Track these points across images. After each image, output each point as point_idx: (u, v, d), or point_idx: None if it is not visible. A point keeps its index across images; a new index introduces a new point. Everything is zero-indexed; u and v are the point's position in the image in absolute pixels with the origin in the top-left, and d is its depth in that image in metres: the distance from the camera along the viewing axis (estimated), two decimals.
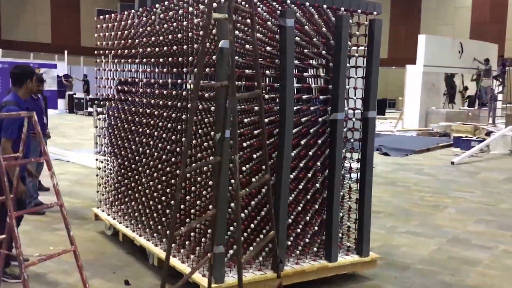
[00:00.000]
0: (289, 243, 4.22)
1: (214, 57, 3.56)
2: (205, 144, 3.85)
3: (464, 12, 32.07)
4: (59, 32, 32.75)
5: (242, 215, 3.85)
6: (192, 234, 4.03)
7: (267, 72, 4.35)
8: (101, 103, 6.01)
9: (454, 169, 11.00)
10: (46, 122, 6.94)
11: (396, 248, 5.52)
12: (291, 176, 4.13)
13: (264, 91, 4.31)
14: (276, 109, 4.08)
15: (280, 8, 3.99)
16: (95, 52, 5.91)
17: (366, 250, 4.60)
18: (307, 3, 4.11)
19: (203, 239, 3.95)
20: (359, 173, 4.59)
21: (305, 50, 4.23)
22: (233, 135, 2.63)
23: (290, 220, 4.21)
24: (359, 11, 4.47)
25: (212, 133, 3.73)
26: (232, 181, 3.53)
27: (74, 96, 24.55)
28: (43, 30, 32.42)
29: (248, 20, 3.57)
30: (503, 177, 10.13)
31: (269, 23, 3.96)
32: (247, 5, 3.58)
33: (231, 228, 3.79)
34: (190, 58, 4.10)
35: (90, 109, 22.89)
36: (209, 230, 3.60)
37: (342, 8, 4.35)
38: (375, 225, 6.35)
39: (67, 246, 5.35)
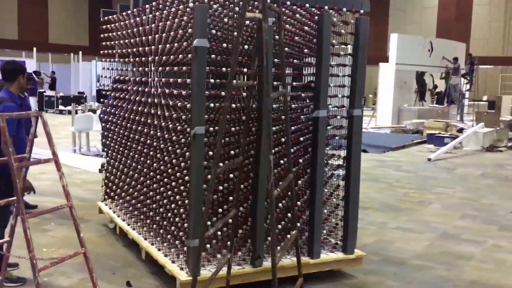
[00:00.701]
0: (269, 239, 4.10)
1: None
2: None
3: (430, 11, 32.79)
4: (26, 29, 31.95)
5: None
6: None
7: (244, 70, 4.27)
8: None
9: (431, 165, 11.24)
10: None
11: (390, 244, 5.61)
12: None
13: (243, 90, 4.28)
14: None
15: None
16: (101, 52, 5.85)
17: (351, 247, 4.59)
18: (288, 2, 4.17)
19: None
20: (344, 171, 4.62)
21: (286, 49, 4.26)
22: (266, 135, 2.59)
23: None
24: (344, 9, 4.50)
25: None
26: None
27: (44, 94, 23.89)
28: (10, 27, 31.54)
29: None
30: (479, 172, 10.42)
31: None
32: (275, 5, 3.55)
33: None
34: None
35: (61, 107, 22.35)
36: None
37: (326, 7, 4.40)
38: (366, 221, 6.46)
39: (60, 248, 5.29)
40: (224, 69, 3.94)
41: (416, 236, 5.92)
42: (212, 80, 3.84)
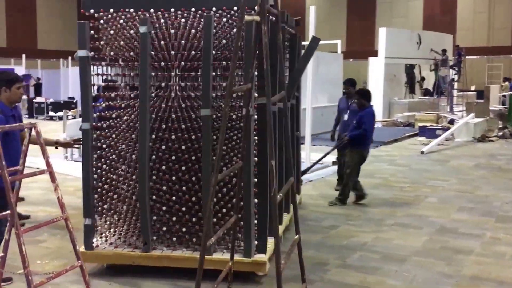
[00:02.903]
0: (164, 228, 4.62)
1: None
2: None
3: (416, 4, 32.92)
4: (14, 36, 31.64)
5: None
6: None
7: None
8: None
9: (424, 158, 11.26)
10: None
11: (389, 241, 5.58)
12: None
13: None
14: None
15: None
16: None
17: (248, 250, 4.31)
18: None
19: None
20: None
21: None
22: (270, 140, 2.51)
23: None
24: (235, 8, 4.38)
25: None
26: None
27: (34, 100, 23.61)
28: None
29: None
30: (472, 163, 10.44)
31: None
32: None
33: None
34: None
35: (51, 113, 22.10)
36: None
37: (214, 8, 4.40)
38: (364, 219, 6.44)
39: (54, 259, 5.19)
40: None
41: (415, 232, 5.90)
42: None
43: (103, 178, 4.73)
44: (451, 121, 15.47)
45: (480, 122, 14.53)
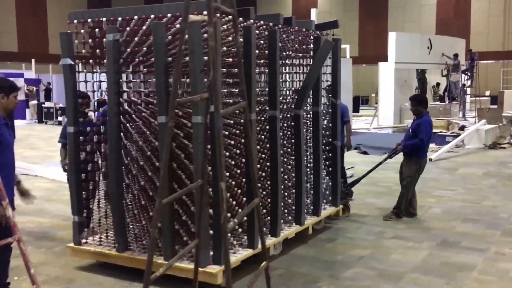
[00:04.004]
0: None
1: None
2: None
3: (429, 9, 32.53)
4: (25, 41, 31.81)
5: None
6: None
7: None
8: None
9: (433, 165, 10.91)
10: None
11: (387, 255, 5.30)
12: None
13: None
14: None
15: None
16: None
17: (204, 260, 4.24)
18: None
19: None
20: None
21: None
22: (218, 158, 2.25)
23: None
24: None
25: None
26: None
27: (43, 105, 23.63)
28: (9, 39, 31.40)
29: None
30: (482, 172, 10.10)
31: None
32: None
33: None
34: None
35: (60, 118, 22.08)
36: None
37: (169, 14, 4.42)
38: (363, 231, 6.17)
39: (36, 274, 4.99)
40: None
41: (415, 246, 5.61)
42: None
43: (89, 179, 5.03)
44: (462, 128, 15.07)
45: (492, 128, 14.14)
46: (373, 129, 17.71)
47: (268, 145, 5.08)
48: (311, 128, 6.00)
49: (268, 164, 5.06)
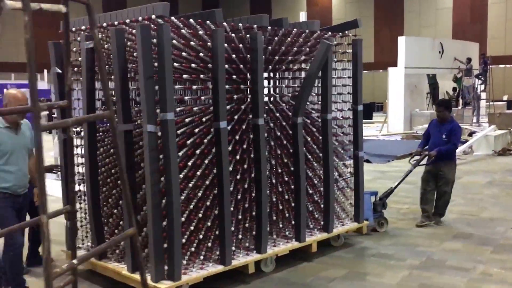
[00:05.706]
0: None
1: None
2: None
3: (445, 13, 31.87)
4: (40, 51, 32.06)
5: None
6: None
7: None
8: None
9: None
10: None
11: (361, 276, 4.89)
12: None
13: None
14: None
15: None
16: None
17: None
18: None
19: None
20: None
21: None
22: (120, 168, 1.90)
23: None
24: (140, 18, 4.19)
25: None
26: None
27: (54, 116, 23.64)
28: (24, 50, 31.76)
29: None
30: (486, 180, 9.57)
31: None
32: None
33: None
34: None
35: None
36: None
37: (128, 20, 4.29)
38: (344, 248, 5.73)
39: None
40: None
41: (395, 265, 5.17)
42: None
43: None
44: (471, 134, 14.49)
45: (502, 134, 13.53)
46: (382, 136, 17.18)
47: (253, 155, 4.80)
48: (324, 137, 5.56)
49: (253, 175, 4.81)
